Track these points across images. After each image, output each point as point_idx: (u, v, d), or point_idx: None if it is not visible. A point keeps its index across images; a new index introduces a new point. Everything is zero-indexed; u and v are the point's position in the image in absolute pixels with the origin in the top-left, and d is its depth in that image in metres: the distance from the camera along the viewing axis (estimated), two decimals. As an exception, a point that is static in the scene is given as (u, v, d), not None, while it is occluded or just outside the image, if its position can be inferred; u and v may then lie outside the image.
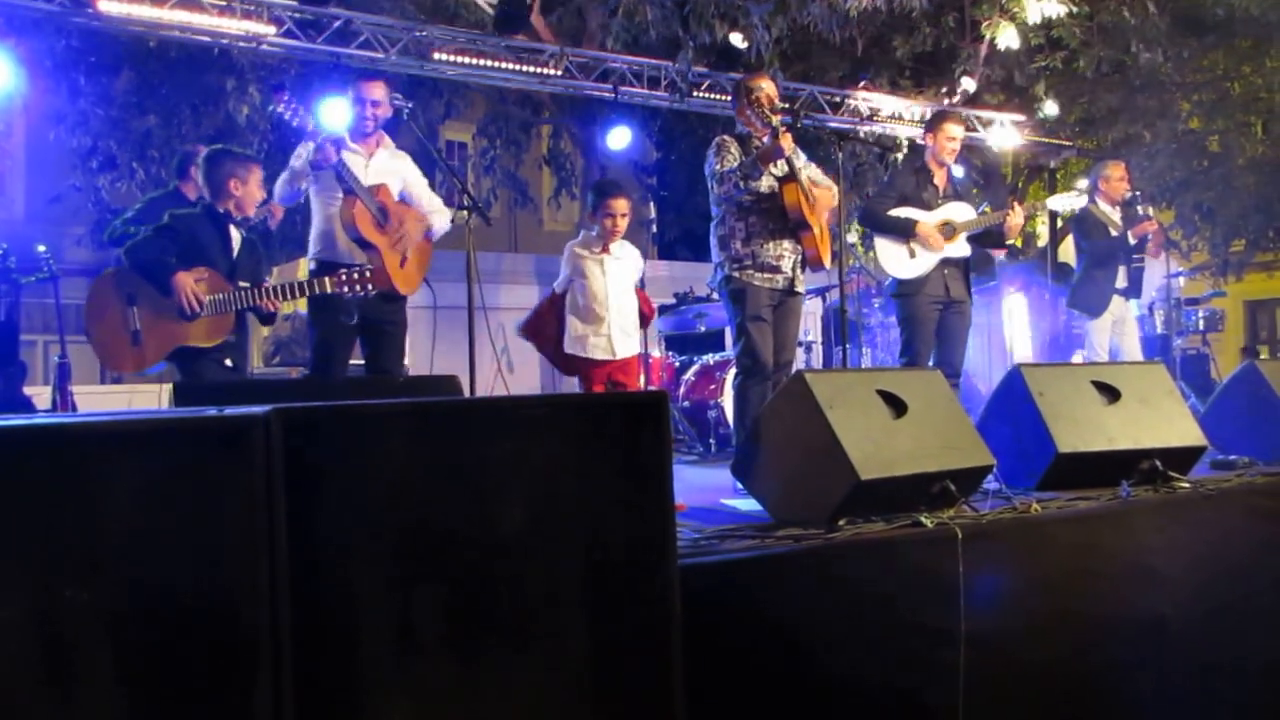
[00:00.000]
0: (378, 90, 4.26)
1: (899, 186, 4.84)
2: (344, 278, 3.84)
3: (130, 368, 3.82)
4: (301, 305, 6.31)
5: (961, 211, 4.80)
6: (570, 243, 4.45)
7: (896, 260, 4.74)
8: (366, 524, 1.56)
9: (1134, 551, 2.84)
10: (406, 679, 1.57)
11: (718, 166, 4.08)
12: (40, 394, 6.27)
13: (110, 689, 1.38)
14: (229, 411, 1.45)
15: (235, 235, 3.99)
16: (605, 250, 4.30)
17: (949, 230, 4.73)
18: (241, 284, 3.86)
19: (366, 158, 4.23)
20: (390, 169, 4.29)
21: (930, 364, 4.73)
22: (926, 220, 4.72)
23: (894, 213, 4.75)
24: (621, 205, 4.31)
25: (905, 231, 4.70)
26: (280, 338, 6.80)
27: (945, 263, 4.73)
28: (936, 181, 4.83)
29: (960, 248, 4.77)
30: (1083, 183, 5.70)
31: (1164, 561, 2.89)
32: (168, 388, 3.64)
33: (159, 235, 3.82)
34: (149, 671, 1.42)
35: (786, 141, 3.95)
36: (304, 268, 4.37)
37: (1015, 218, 4.78)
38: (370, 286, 3.86)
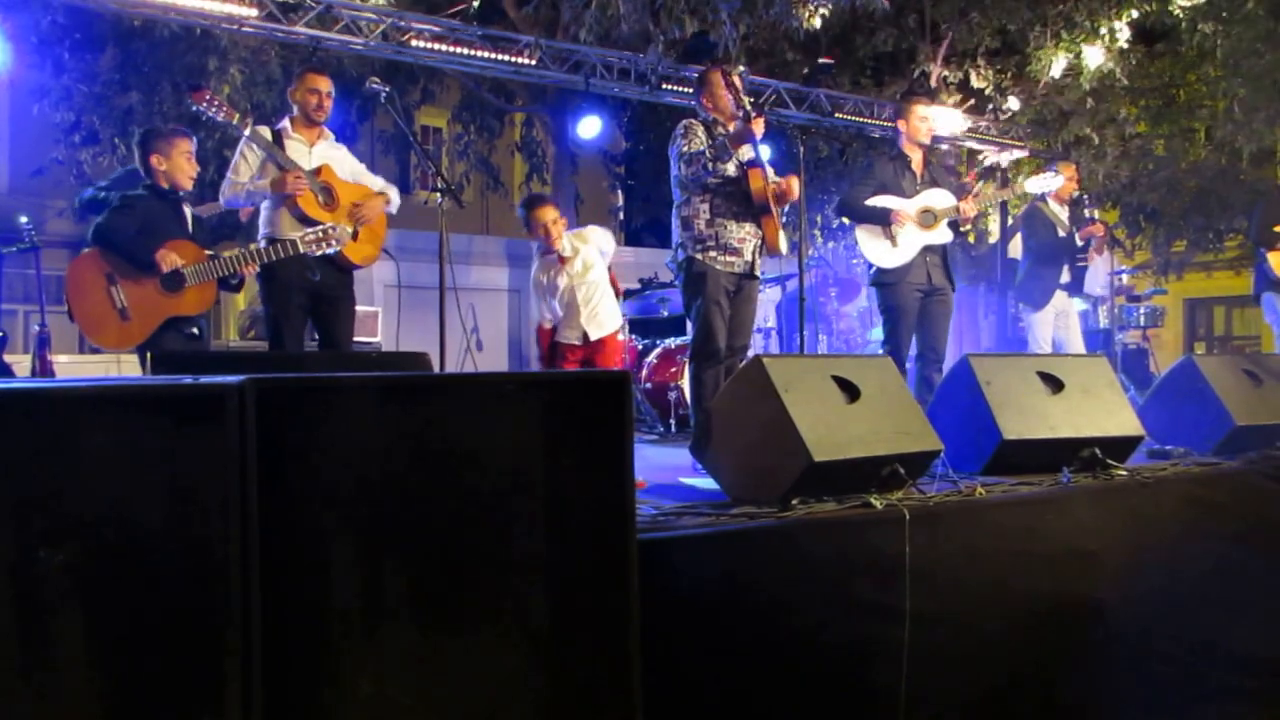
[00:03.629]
0: (324, 83, 4.31)
1: (878, 175, 4.85)
2: (311, 237, 3.90)
3: (121, 344, 3.84)
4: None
5: (941, 198, 4.80)
6: (532, 271, 4.63)
7: (879, 250, 4.74)
8: (336, 494, 1.58)
9: (1073, 535, 2.94)
10: (373, 646, 1.60)
11: (685, 148, 4.10)
12: (20, 362, 6.23)
13: (82, 648, 1.41)
14: (204, 380, 1.48)
15: (187, 211, 4.05)
16: (561, 262, 4.47)
17: (929, 218, 4.75)
18: (210, 254, 3.90)
19: (309, 145, 4.29)
20: (331, 158, 4.33)
21: (913, 351, 4.80)
22: (905, 207, 4.75)
23: (872, 201, 4.77)
24: (548, 214, 4.50)
25: (882, 219, 4.71)
26: (256, 312, 6.76)
27: (927, 250, 4.74)
28: (914, 168, 4.86)
29: (942, 234, 4.77)
30: (1048, 173, 5.80)
31: (1101, 545, 2.99)
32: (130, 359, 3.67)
33: (117, 215, 3.87)
34: (120, 633, 1.44)
35: (758, 126, 4.01)
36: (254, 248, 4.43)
37: (969, 211, 4.83)
38: (337, 243, 3.93)
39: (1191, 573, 3.22)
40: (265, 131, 4.19)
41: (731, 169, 4.12)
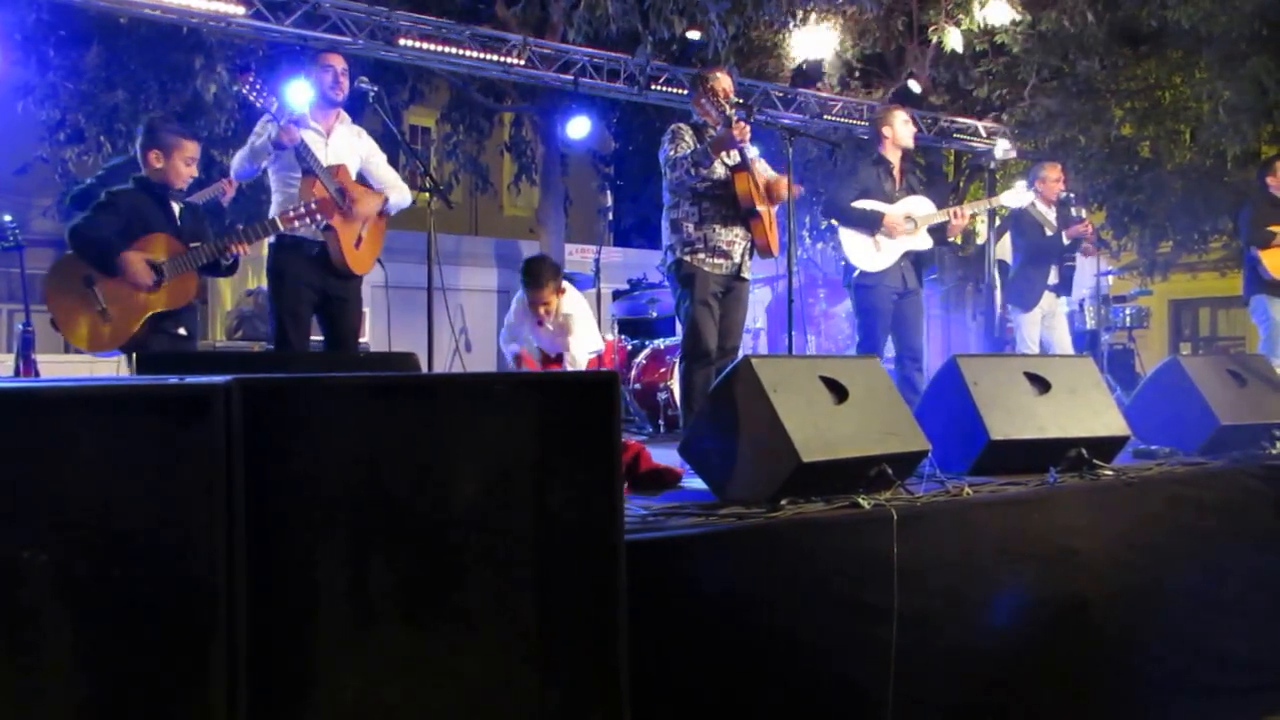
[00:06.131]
0: (341, 61, 4.29)
1: (861, 179, 4.93)
2: (293, 213, 3.87)
3: (104, 346, 3.74)
4: (265, 281, 6.28)
5: (921, 205, 4.90)
6: (517, 304, 4.66)
7: (862, 252, 4.82)
8: (324, 494, 1.58)
9: (1059, 535, 2.96)
10: (360, 647, 1.60)
11: (671, 153, 4.15)
12: (3, 362, 6.18)
13: (67, 650, 1.40)
14: (190, 380, 1.47)
15: (175, 207, 3.95)
16: (540, 325, 4.52)
17: (910, 224, 4.84)
18: (193, 245, 3.84)
19: (325, 136, 4.25)
20: (349, 146, 4.31)
21: (893, 352, 4.86)
22: (891, 212, 4.83)
23: (858, 205, 4.85)
24: (542, 295, 4.51)
25: (872, 224, 4.79)
26: (243, 312, 6.76)
27: (905, 255, 4.84)
28: (895, 174, 4.95)
29: (923, 240, 4.87)
30: (1020, 183, 5.86)
31: (1087, 544, 3.01)
32: (123, 359, 3.61)
33: (98, 214, 3.78)
34: (105, 635, 1.43)
35: (740, 131, 4.03)
36: (265, 245, 4.39)
37: (961, 219, 4.93)
38: (320, 217, 3.90)
39: (1178, 572, 3.24)
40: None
41: (719, 171, 4.14)
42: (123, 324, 3.71)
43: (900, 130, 4.96)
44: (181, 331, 3.85)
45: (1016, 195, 5.51)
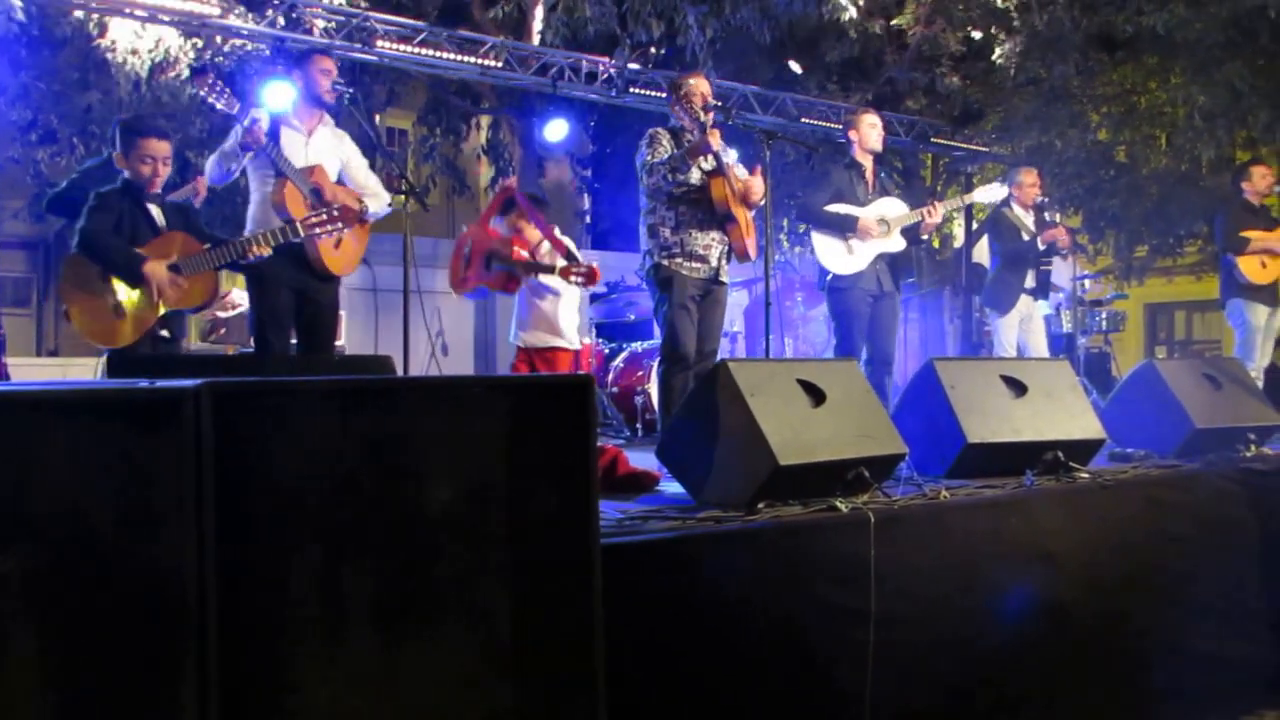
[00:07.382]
0: (334, 64, 4.25)
1: (834, 182, 4.93)
2: (313, 220, 3.79)
3: (122, 341, 3.65)
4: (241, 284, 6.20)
5: (894, 207, 4.90)
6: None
7: (835, 255, 4.82)
8: (296, 499, 1.56)
9: (1035, 537, 2.98)
10: (334, 653, 1.58)
11: (648, 158, 4.14)
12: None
13: (34, 657, 1.38)
14: (160, 384, 1.46)
15: (155, 209, 3.89)
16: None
17: (884, 227, 4.85)
18: (210, 246, 3.78)
19: (306, 136, 4.20)
20: (329, 148, 4.26)
21: (865, 356, 4.88)
22: (865, 215, 4.84)
23: (831, 208, 4.86)
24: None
25: (847, 227, 4.79)
26: (218, 316, 6.69)
27: (879, 257, 4.84)
28: (867, 176, 4.95)
29: (896, 242, 4.87)
30: (996, 182, 5.89)
31: (1063, 547, 3.03)
32: (102, 361, 3.53)
33: (96, 216, 3.69)
34: (73, 642, 1.41)
35: (714, 138, 4.03)
36: None
37: (933, 217, 4.95)
38: (341, 225, 3.83)
39: (1153, 573, 3.27)
40: (265, 121, 4.03)
41: (695, 177, 4.14)
42: (136, 320, 3.65)
43: (867, 133, 4.97)
44: (164, 334, 3.79)
45: (990, 191, 5.53)
